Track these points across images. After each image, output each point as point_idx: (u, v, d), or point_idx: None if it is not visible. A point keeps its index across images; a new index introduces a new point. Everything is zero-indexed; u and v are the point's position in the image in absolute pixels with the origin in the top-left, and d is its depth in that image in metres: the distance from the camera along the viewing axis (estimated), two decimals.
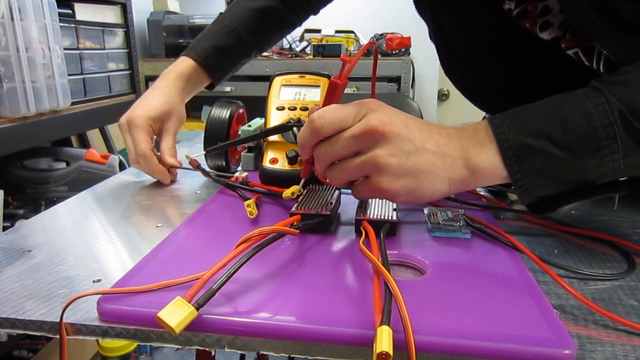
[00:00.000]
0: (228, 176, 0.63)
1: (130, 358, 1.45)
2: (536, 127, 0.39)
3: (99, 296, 0.34)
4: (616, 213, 0.57)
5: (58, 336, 0.33)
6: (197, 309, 0.31)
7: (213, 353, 0.87)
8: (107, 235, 0.49)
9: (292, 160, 0.58)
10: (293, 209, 0.47)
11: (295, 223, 0.45)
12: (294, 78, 0.65)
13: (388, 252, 0.39)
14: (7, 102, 1.05)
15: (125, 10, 1.62)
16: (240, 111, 0.72)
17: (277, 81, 0.65)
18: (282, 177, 0.58)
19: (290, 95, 0.64)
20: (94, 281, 0.39)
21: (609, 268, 0.43)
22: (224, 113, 0.68)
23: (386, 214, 0.46)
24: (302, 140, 0.43)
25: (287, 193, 0.51)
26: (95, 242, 0.47)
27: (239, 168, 0.73)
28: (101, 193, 0.64)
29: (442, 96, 2.45)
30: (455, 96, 2.42)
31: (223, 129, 0.67)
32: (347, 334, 0.31)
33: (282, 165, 0.59)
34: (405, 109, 0.47)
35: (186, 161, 0.67)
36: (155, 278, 0.36)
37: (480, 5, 0.58)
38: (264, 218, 0.51)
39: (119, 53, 1.62)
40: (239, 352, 0.52)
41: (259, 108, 0.69)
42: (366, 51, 1.24)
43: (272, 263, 0.40)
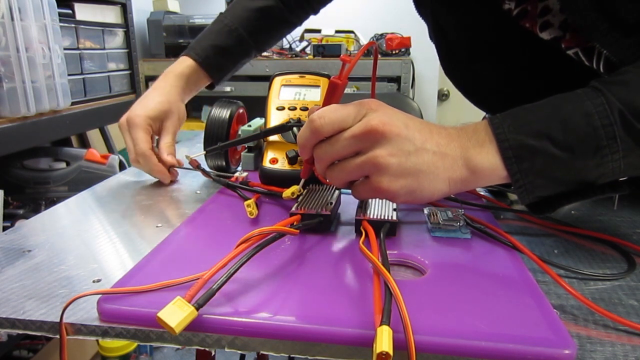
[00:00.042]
0: (228, 176, 0.63)
1: (130, 358, 1.45)
2: (536, 127, 0.39)
3: (99, 296, 0.34)
4: (616, 213, 0.57)
5: (58, 336, 0.33)
6: (197, 309, 0.31)
7: (213, 353, 0.87)
8: (107, 235, 0.49)
9: (292, 160, 0.58)
10: (293, 209, 0.47)
11: (295, 223, 0.45)
12: (294, 78, 0.65)
13: (388, 252, 0.39)
14: (7, 102, 1.05)
15: (125, 10, 1.62)
16: (240, 111, 0.72)
17: (277, 81, 0.65)
18: (282, 177, 0.58)
19: (290, 95, 0.64)
20: (94, 281, 0.39)
21: (609, 268, 0.43)
22: (224, 113, 0.68)
23: (386, 214, 0.46)
24: (302, 140, 0.43)
25: (287, 193, 0.51)
26: (95, 242, 0.47)
27: (239, 168, 0.73)
28: (101, 193, 0.64)
29: (442, 96, 2.45)
30: (455, 96, 2.42)
31: (223, 129, 0.67)
32: (347, 334, 0.31)
33: (282, 165, 0.59)
34: (405, 109, 0.47)
35: (186, 161, 0.67)
36: (155, 278, 0.36)
37: (480, 5, 0.58)
38: (264, 218, 0.51)
39: (119, 53, 1.62)
40: (239, 352, 0.52)
41: (259, 108, 0.69)
42: (366, 51, 1.24)
43: (272, 263, 0.40)
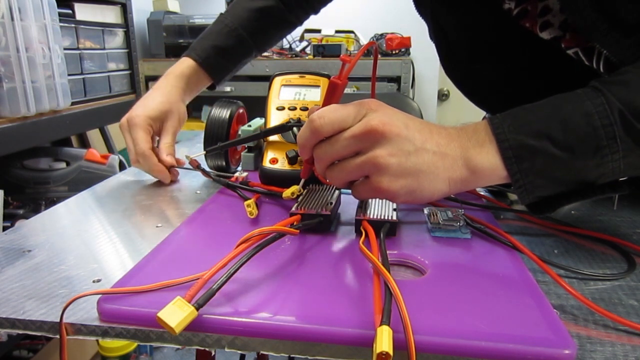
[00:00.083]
0: (228, 176, 0.63)
1: (130, 358, 1.45)
2: (536, 127, 0.39)
3: (99, 296, 0.34)
4: (616, 213, 0.57)
5: (58, 336, 0.33)
6: (197, 309, 0.31)
7: (213, 353, 0.87)
8: (107, 235, 0.49)
9: (292, 160, 0.58)
10: (293, 209, 0.47)
11: (295, 223, 0.45)
12: (294, 78, 0.65)
13: (388, 252, 0.39)
14: (7, 102, 1.05)
15: (125, 10, 1.62)
16: (240, 111, 0.72)
17: (277, 81, 0.65)
18: (282, 177, 0.58)
19: (290, 95, 0.64)
20: (94, 281, 0.39)
21: (609, 268, 0.43)
22: (224, 113, 0.68)
23: (386, 214, 0.46)
24: (302, 140, 0.43)
25: (287, 193, 0.51)
26: (95, 242, 0.47)
27: (239, 168, 0.73)
28: (101, 193, 0.64)
29: (442, 96, 2.45)
30: (455, 96, 2.42)
31: (223, 129, 0.67)
32: (347, 334, 0.31)
33: (282, 165, 0.59)
34: (405, 109, 0.47)
35: (186, 161, 0.67)
36: (155, 278, 0.36)
37: (480, 5, 0.58)
38: (264, 218, 0.51)
39: (119, 53, 1.62)
40: (239, 352, 0.52)
41: (259, 108, 0.69)
42: (366, 51, 1.24)
43: (272, 263, 0.40)
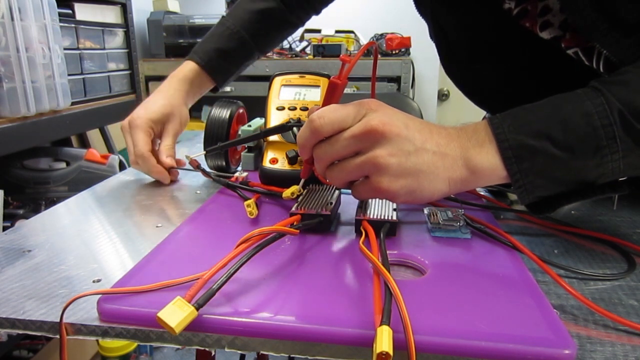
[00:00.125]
0: (228, 176, 0.63)
1: (130, 358, 1.45)
2: (536, 127, 0.39)
3: (99, 296, 0.34)
4: (616, 213, 0.57)
5: (58, 336, 0.33)
6: (197, 309, 0.31)
7: (213, 353, 0.87)
8: (107, 235, 0.49)
9: (292, 160, 0.58)
10: (293, 209, 0.47)
11: (295, 223, 0.45)
12: (294, 78, 0.65)
13: (388, 252, 0.39)
14: (7, 102, 1.05)
15: (125, 10, 1.62)
16: (240, 111, 0.72)
17: (277, 81, 0.65)
18: (282, 177, 0.58)
19: (290, 95, 0.64)
20: (94, 281, 0.39)
21: (609, 268, 0.43)
22: (224, 113, 0.68)
23: (386, 214, 0.46)
24: (302, 140, 0.43)
25: (287, 193, 0.51)
26: (95, 242, 0.47)
27: (239, 168, 0.73)
28: (101, 193, 0.64)
29: (442, 96, 2.45)
30: (455, 96, 2.42)
31: (223, 129, 0.67)
32: (347, 334, 0.31)
33: (282, 165, 0.59)
34: (405, 109, 0.47)
35: (186, 161, 0.67)
36: (155, 278, 0.36)
37: (480, 5, 0.58)
38: (264, 218, 0.51)
39: (119, 53, 1.62)
40: (239, 352, 0.52)
41: (259, 108, 0.69)
42: (366, 51, 1.24)
43: (272, 263, 0.40)
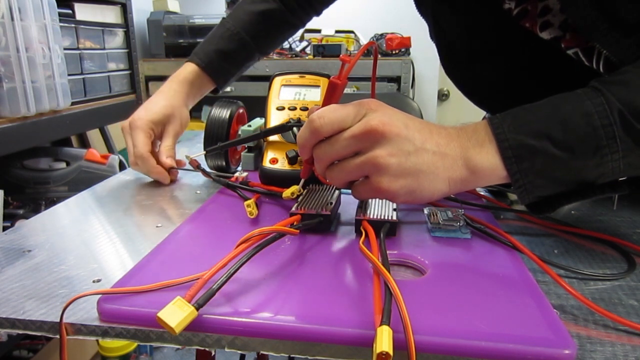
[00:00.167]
0: (228, 176, 0.63)
1: (130, 358, 1.45)
2: (536, 127, 0.39)
3: (99, 296, 0.34)
4: (616, 213, 0.57)
5: (58, 336, 0.33)
6: (197, 309, 0.31)
7: (213, 353, 0.87)
8: (107, 235, 0.49)
9: (292, 160, 0.58)
10: (293, 209, 0.47)
11: (295, 223, 0.45)
12: (294, 78, 0.65)
13: (388, 252, 0.39)
14: (7, 102, 1.05)
15: (125, 10, 1.62)
16: (240, 111, 0.72)
17: (277, 81, 0.65)
18: (282, 177, 0.58)
19: (290, 95, 0.64)
20: (94, 281, 0.39)
21: (609, 268, 0.43)
22: (224, 113, 0.68)
23: (386, 214, 0.46)
24: (302, 140, 0.43)
25: (287, 193, 0.51)
26: (95, 242, 0.47)
27: (239, 168, 0.73)
28: (101, 193, 0.64)
29: (442, 96, 2.45)
30: (455, 96, 2.42)
31: (223, 129, 0.67)
32: (347, 334, 0.31)
33: (282, 165, 0.59)
34: (405, 109, 0.47)
35: (186, 161, 0.67)
36: (155, 278, 0.36)
37: (480, 5, 0.58)
38: (264, 218, 0.51)
39: (119, 53, 1.62)
40: (239, 352, 0.52)
41: (259, 108, 0.69)
42: (366, 51, 1.24)
43: (272, 263, 0.40)
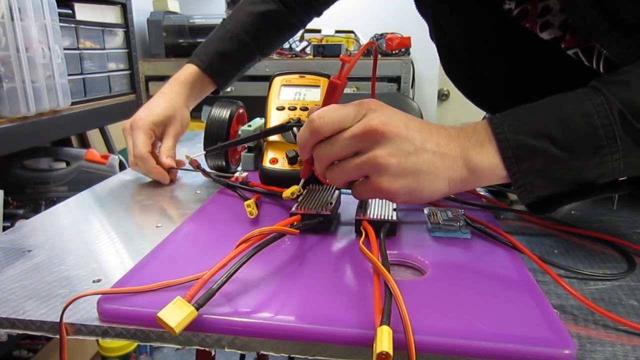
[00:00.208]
0: (228, 176, 0.63)
1: (130, 358, 1.45)
2: (536, 127, 0.39)
3: (99, 296, 0.34)
4: (616, 213, 0.57)
5: (58, 336, 0.33)
6: (197, 309, 0.31)
7: (213, 353, 0.87)
8: (107, 235, 0.49)
9: (292, 160, 0.58)
10: (293, 209, 0.47)
11: (295, 223, 0.45)
12: (294, 78, 0.65)
13: (388, 252, 0.39)
14: (7, 102, 1.05)
15: (125, 10, 1.62)
16: (240, 111, 0.72)
17: (277, 81, 0.65)
18: (282, 177, 0.58)
19: (290, 95, 0.64)
20: (94, 281, 0.39)
21: (609, 268, 0.43)
22: (224, 113, 0.68)
23: (386, 214, 0.46)
24: (302, 140, 0.43)
25: (287, 193, 0.51)
26: (95, 242, 0.47)
27: (239, 168, 0.73)
28: (101, 193, 0.64)
29: (442, 96, 2.45)
30: (455, 96, 2.42)
31: (223, 129, 0.67)
32: (347, 334, 0.31)
33: (282, 165, 0.59)
34: (405, 109, 0.47)
35: (186, 161, 0.67)
36: (155, 278, 0.36)
37: (480, 5, 0.58)
38: (264, 218, 0.51)
39: (119, 53, 1.62)
40: (239, 352, 0.52)
41: (259, 108, 0.69)
42: (366, 51, 1.24)
43: (272, 263, 0.40)
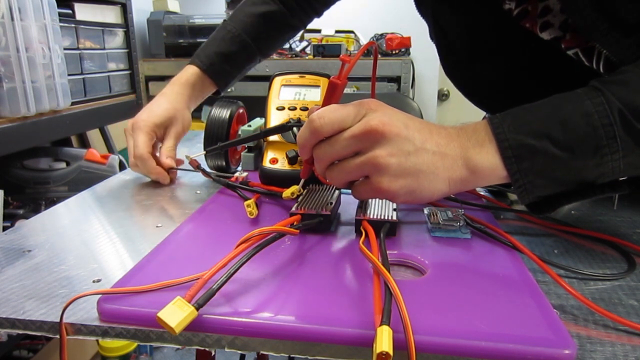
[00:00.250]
0: (228, 176, 0.63)
1: (130, 358, 1.45)
2: (536, 127, 0.39)
3: (99, 296, 0.34)
4: (616, 213, 0.57)
5: (58, 336, 0.33)
6: (197, 309, 0.31)
7: (213, 353, 0.87)
8: (107, 235, 0.49)
9: (292, 160, 0.58)
10: (293, 209, 0.47)
11: (295, 223, 0.45)
12: (294, 78, 0.65)
13: (388, 252, 0.39)
14: (7, 102, 1.05)
15: (125, 10, 1.62)
16: (240, 111, 0.72)
17: (277, 81, 0.65)
18: (282, 177, 0.58)
19: (290, 95, 0.64)
20: (94, 281, 0.39)
21: (609, 268, 0.43)
22: (224, 113, 0.68)
23: (386, 214, 0.46)
24: (302, 140, 0.43)
25: (287, 193, 0.51)
26: (95, 242, 0.47)
27: (239, 168, 0.73)
28: (101, 193, 0.64)
29: (442, 96, 2.45)
30: (455, 96, 2.42)
31: (223, 129, 0.67)
32: (347, 334, 0.31)
33: (282, 165, 0.59)
34: (405, 109, 0.47)
35: (186, 161, 0.67)
36: (155, 278, 0.36)
37: (480, 5, 0.58)
38: (264, 218, 0.51)
39: (119, 53, 1.62)
40: (239, 352, 0.52)
41: (259, 108, 0.69)
42: (366, 51, 1.24)
43: (272, 263, 0.40)
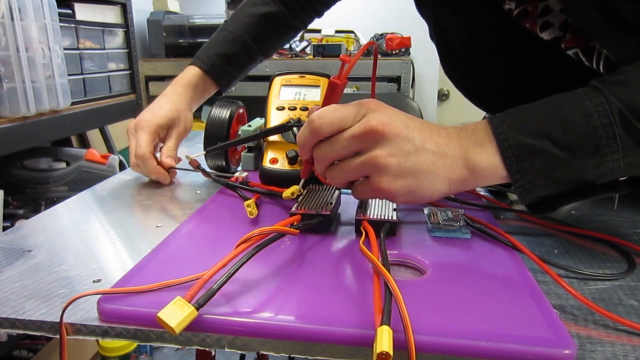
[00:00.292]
0: (228, 176, 0.63)
1: (130, 358, 1.45)
2: (536, 127, 0.39)
3: (99, 296, 0.34)
4: (616, 213, 0.57)
5: (58, 336, 0.33)
6: (197, 309, 0.31)
7: (213, 353, 0.87)
8: (107, 235, 0.49)
9: (292, 160, 0.58)
10: (293, 209, 0.47)
11: (295, 223, 0.45)
12: (294, 78, 0.65)
13: (388, 252, 0.39)
14: (7, 102, 1.05)
15: (125, 10, 1.62)
16: (240, 111, 0.72)
17: (277, 81, 0.65)
18: (282, 177, 0.58)
19: (290, 95, 0.64)
20: (94, 281, 0.39)
21: (609, 268, 0.43)
22: (224, 113, 0.68)
23: (386, 214, 0.46)
24: (302, 140, 0.43)
25: (287, 193, 0.51)
26: (95, 242, 0.47)
27: (239, 168, 0.73)
28: (101, 193, 0.64)
29: (442, 96, 2.45)
30: (455, 96, 2.42)
31: (223, 129, 0.67)
32: (347, 334, 0.31)
33: (282, 165, 0.59)
34: (405, 109, 0.47)
35: (186, 161, 0.67)
36: (155, 278, 0.36)
37: (480, 5, 0.58)
38: (264, 218, 0.51)
39: (119, 53, 1.62)
40: (239, 352, 0.52)
41: (259, 108, 0.69)
42: (366, 51, 1.24)
43: (272, 263, 0.40)
